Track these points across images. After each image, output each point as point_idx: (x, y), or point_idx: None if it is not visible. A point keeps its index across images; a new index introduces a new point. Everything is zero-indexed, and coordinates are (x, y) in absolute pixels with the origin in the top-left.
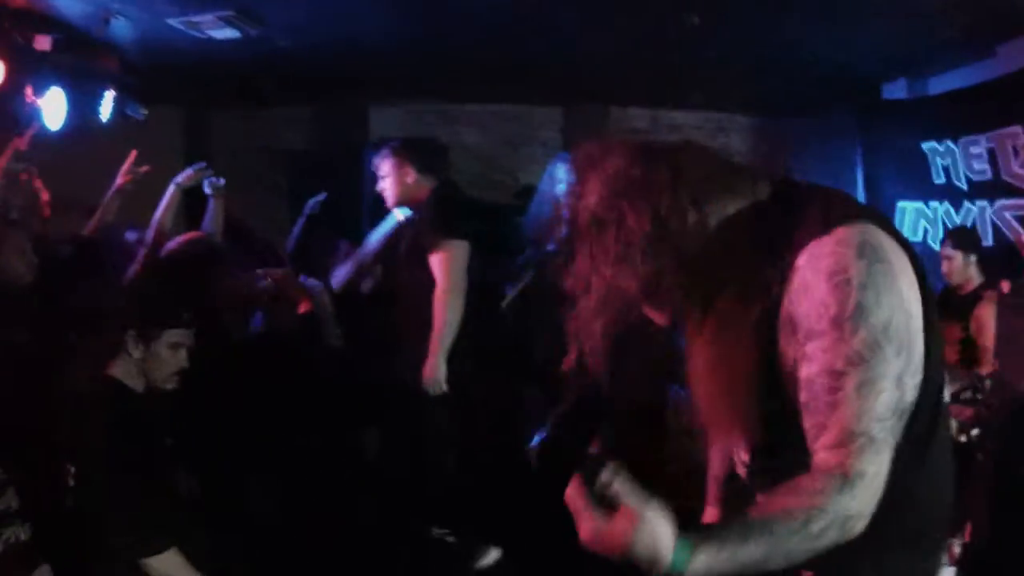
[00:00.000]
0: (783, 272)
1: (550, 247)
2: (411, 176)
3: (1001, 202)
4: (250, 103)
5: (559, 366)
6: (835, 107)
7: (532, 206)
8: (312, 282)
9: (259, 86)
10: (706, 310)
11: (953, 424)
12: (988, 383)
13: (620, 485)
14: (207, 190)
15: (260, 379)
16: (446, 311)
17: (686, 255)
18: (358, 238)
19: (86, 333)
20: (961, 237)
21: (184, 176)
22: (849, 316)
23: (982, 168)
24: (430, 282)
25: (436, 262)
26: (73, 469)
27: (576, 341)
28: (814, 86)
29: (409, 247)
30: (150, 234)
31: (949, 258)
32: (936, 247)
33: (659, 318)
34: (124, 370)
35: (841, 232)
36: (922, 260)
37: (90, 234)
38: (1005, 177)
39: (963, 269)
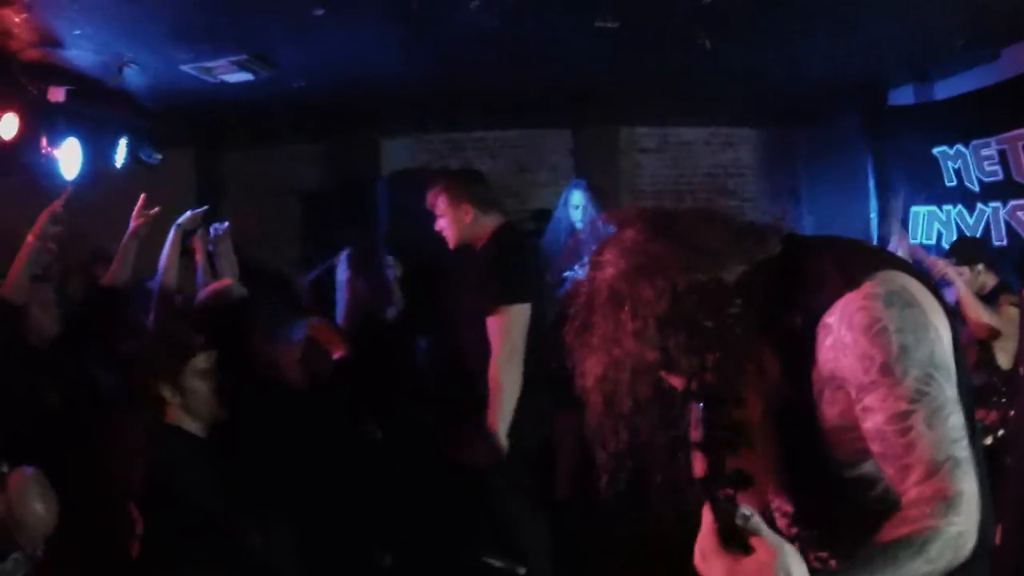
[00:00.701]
0: (811, 330)
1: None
2: (469, 215)
3: (1013, 203)
4: (261, 142)
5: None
6: (843, 115)
7: (548, 231)
8: None
9: (270, 125)
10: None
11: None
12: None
13: (757, 521)
14: (209, 247)
15: (304, 428)
16: (501, 381)
17: (702, 326)
18: (373, 268)
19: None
20: (962, 251)
21: (185, 218)
22: (896, 360)
23: (993, 170)
24: (486, 346)
25: (492, 326)
26: (140, 518)
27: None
28: (821, 95)
29: (468, 303)
30: (157, 280)
31: (959, 275)
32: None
33: (677, 383)
34: (178, 415)
35: (868, 287)
36: (939, 285)
37: (108, 282)
38: (1017, 178)
39: (974, 279)
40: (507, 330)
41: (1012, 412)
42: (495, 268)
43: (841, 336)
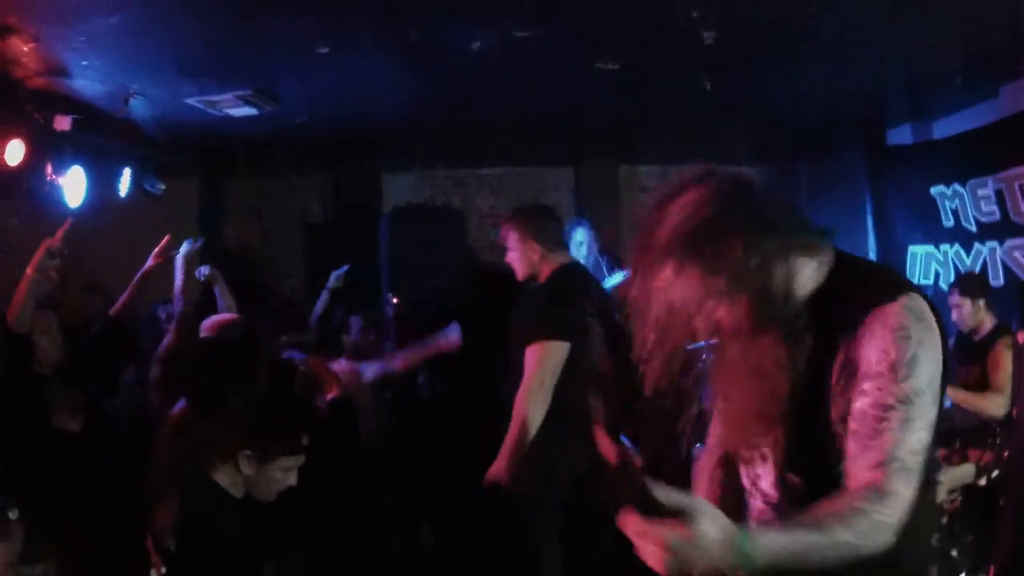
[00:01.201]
0: (855, 326)
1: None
2: (537, 253)
3: (1010, 242)
4: (265, 173)
5: None
6: (843, 152)
7: None
8: (365, 366)
9: (273, 157)
10: (757, 334)
11: (972, 468)
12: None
13: (668, 491)
14: (200, 278)
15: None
16: (524, 410)
17: (761, 288)
18: (374, 304)
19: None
20: (968, 284)
21: (185, 250)
22: (905, 364)
23: (991, 209)
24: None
25: (528, 356)
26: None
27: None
28: (820, 133)
29: (515, 330)
30: (178, 307)
31: (958, 306)
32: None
33: (706, 329)
34: (230, 479)
35: (904, 299)
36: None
37: (117, 313)
38: (1014, 218)
39: (973, 314)
40: (539, 363)
41: (1006, 453)
42: (542, 302)
43: (874, 331)
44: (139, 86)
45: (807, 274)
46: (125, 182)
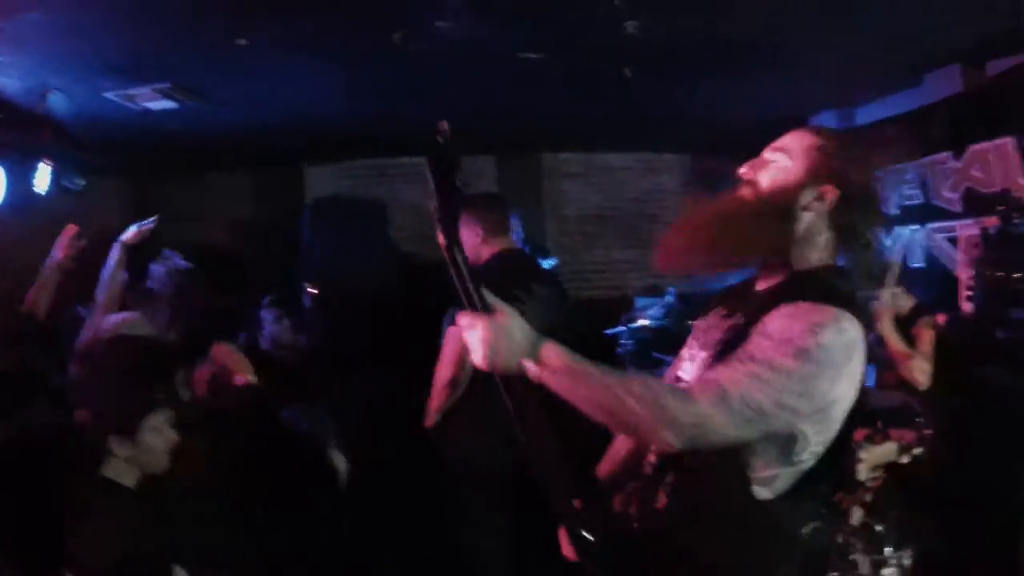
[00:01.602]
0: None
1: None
2: (478, 237)
3: (932, 225)
4: (189, 171)
5: None
6: (766, 139)
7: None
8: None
9: (196, 154)
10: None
11: (894, 447)
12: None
13: (496, 299)
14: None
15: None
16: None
17: (791, 214)
18: (295, 298)
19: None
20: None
21: (130, 234)
22: (795, 346)
23: (912, 194)
24: None
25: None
26: None
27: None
28: (742, 122)
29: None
30: (100, 298)
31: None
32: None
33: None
34: (115, 469)
35: (837, 311)
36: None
37: (27, 310)
38: (935, 201)
39: (891, 300)
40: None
41: (929, 432)
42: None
43: (797, 309)
44: (58, 81)
45: (814, 255)
46: (44, 178)
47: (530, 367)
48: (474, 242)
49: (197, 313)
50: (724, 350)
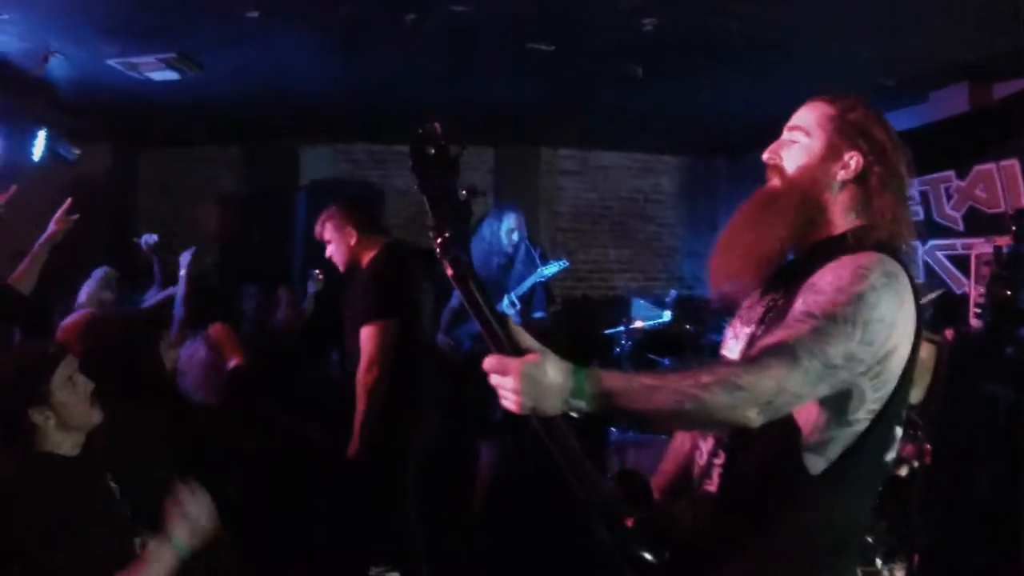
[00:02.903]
0: (830, 258)
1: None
2: (353, 237)
3: (933, 242)
4: (180, 143)
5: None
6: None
7: (472, 250)
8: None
9: (189, 126)
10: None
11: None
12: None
13: (524, 335)
14: (143, 248)
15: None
16: (364, 391)
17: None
18: (292, 279)
19: None
20: None
21: (49, 232)
22: (850, 292)
23: (914, 210)
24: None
25: (363, 337)
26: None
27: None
28: (745, 131)
29: (350, 313)
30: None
31: None
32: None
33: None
34: (49, 440)
35: (882, 255)
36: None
37: (13, 282)
38: (937, 219)
39: None
40: (375, 342)
41: (928, 446)
42: (371, 284)
43: (841, 262)
44: (59, 44)
45: (847, 219)
46: (40, 146)
47: (578, 405)
48: (349, 244)
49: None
50: (769, 321)
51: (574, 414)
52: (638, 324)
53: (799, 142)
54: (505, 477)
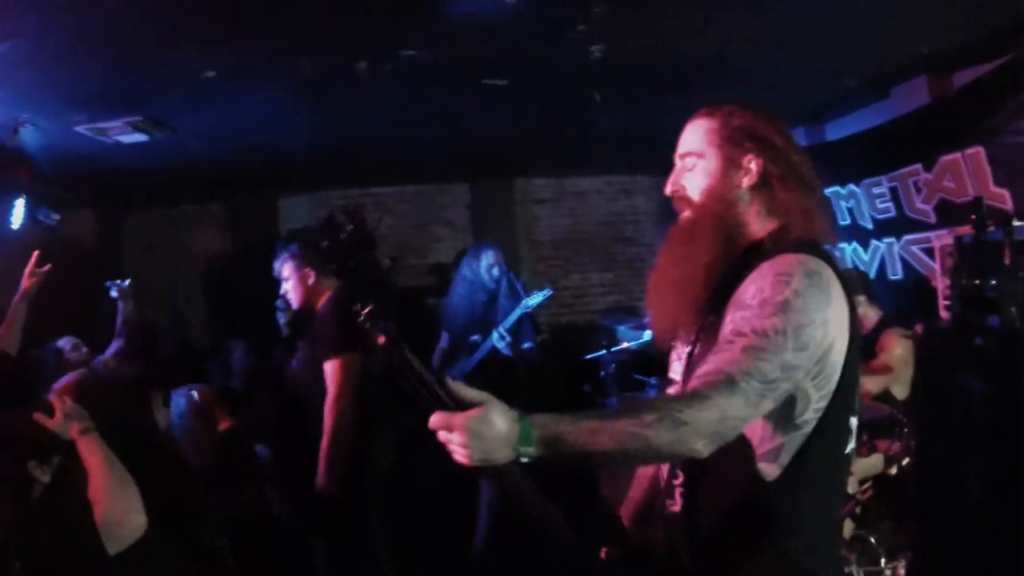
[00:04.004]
0: (750, 269)
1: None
2: (311, 278)
3: (907, 237)
4: (162, 204)
5: None
6: None
7: (454, 292)
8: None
9: (169, 187)
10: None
11: (880, 459)
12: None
13: (463, 388)
14: (113, 293)
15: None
16: (332, 424)
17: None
18: (273, 331)
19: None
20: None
21: (22, 288)
22: (774, 303)
23: (886, 207)
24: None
25: (327, 372)
26: None
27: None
28: None
29: (307, 354)
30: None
31: None
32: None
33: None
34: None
35: (801, 256)
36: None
37: None
38: (909, 213)
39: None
40: (340, 376)
41: (914, 443)
42: (330, 320)
43: (762, 272)
44: (28, 115)
45: (761, 224)
46: (18, 214)
47: (527, 452)
48: (307, 285)
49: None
50: (703, 339)
51: (524, 460)
52: (623, 346)
53: (696, 167)
54: (506, 513)
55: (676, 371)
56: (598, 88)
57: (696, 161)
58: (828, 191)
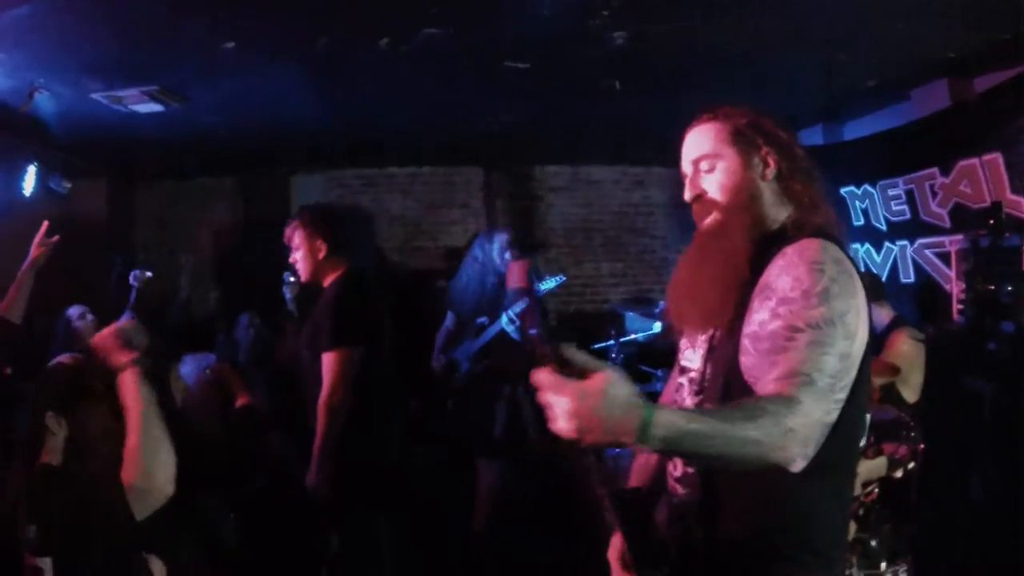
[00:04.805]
0: (772, 254)
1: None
2: (322, 252)
3: (921, 240)
4: (174, 175)
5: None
6: None
7: (462, 274)
8: None
9: (182, 158)
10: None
11: (884, 461)
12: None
13: (582, 355)
14: (132, 282)
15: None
16: (325, 419)
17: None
18: (281, 306)
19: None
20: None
21: (31, 257)
22: (816, 293)
23: (901, 209)
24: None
25: (324, 364)
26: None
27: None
28: None
29: (309, 336)
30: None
31: None
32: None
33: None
34: (55, 453)
35: (824, 241)
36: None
37: (3, 312)
38: (924, 217)
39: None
40: (335, 370)
41: (921, 446)
42: (334, 309)
43: (790, 259)
44: (44, 80)
45: (780, 215)
46: (30, 181)
47: (640, 443)
48: (316, 258)
49: None
50: (731, 323)
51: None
52: (631, 336)
53: (715, 168)
54: (505, 497)
55: (691, 359)
56: (618, 76)
57: (714, 162)
58: (843, 190)
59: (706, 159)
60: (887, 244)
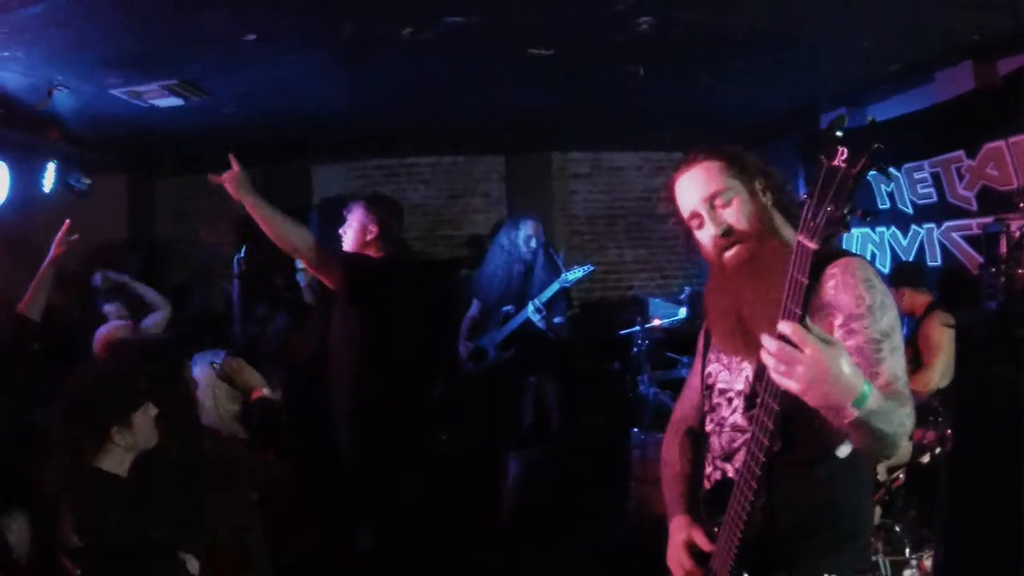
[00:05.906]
0: (817, 274)
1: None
2: (372, 235)
3: (948, 224)
4: (193, 169)
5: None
6: (777, 139)
7: (488, 262)
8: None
9: (201, 152)
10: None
11: (910, 447)
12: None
13: (814, 328)
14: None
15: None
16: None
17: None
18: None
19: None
20: (901, 274)
21: (52, 255)
22: (876, 307)
23: (927, 192)
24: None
25: (340, 319)
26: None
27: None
28: (755, 119)
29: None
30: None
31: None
32: (884, 271)
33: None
34: (111, 460)
35: (861, 259)
36: None
37: (22, 311)
38: (951, 200)
39: (910, 301)
40: (352, 323)
41: (948, 431)
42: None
43: (844, 279)
44: (63, 78)
45: (788, 233)
46: (50, 177)
47: (854, 407)
48: (364, 238)
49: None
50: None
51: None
52: (655, 323)
53: (730, 203)
54: (532, 488)
55: (727, 380)
56: (642, 61)
57: (726, 198)
58: (868, 174)
59: (720, 194)
60: (914, 227)
